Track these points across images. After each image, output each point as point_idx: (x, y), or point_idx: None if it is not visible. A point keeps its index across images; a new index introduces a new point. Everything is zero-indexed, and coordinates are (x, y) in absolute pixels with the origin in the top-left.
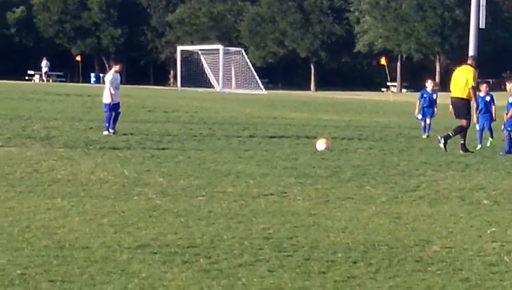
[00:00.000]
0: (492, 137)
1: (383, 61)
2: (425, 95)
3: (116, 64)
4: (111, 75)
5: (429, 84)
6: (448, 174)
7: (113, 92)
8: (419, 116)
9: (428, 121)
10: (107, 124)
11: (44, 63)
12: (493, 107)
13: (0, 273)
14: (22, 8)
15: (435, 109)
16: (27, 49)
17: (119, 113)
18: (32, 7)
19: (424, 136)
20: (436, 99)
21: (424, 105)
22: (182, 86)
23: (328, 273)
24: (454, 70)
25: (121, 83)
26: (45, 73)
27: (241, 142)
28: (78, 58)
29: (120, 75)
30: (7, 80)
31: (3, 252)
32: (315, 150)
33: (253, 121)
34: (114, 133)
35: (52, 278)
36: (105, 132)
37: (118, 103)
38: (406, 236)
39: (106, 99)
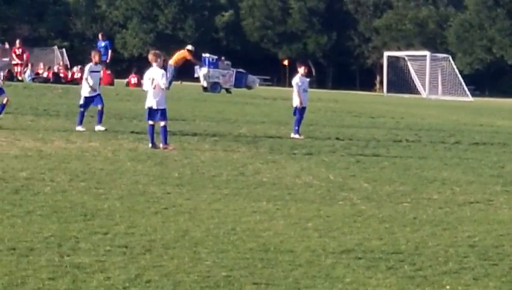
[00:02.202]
0: None
1: None
2: None
3: (300, 66)
4: (298, 78)
5: None
6: None
7: (301, 95)
8: None
9: None
10: (297, 128)
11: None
12: None
13: (206, 274)
14: (230, 12)
15: None
16: (234, 52)
17: (303, 117)
18: (239, 11)
19: None
20: None
21: None
22: (388, 91)
23: None
24: None
25: (327, 87)
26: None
27: (446, 148)
28: (286, 62)
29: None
30: None
31: (209, 254)
32: None
33: (460, 128)
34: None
35: (256, 281)
36: (296, 135)
37: (305, 108)
38: None
39: (295, 102)
